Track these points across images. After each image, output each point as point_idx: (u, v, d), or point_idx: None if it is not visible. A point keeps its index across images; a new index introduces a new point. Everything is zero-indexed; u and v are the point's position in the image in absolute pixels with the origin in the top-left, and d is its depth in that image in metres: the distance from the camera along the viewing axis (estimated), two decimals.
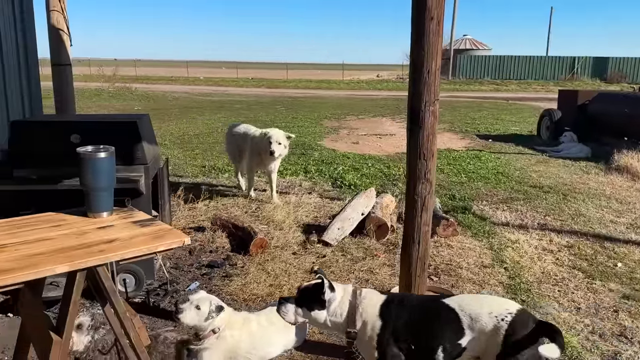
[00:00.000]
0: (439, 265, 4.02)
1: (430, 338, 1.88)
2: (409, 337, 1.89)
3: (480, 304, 1.94)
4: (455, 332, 1.87)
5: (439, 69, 2.34)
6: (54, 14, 5.64)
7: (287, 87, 32.22)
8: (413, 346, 1.88)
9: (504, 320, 1.85)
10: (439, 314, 1.92)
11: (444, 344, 1.87)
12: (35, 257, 1.34)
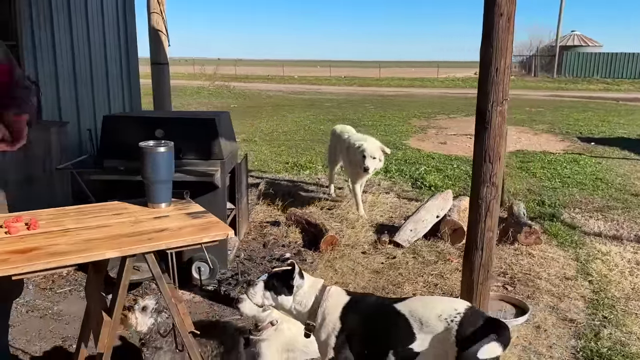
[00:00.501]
0: (516, 274, 3.81)
1: (382, 343, 1.91)
2: (364, 342, 1.92)
3: (429, 307, 1.94)
4: (406, 338, 1.88)
5: (509, 67, 2.21)
6: (154, 16, 6.01)
7: (379, 85, 32.04)
8: (366, 351, 1.90)
9: (454, 321, 1.85)
10: (390, 319, 1.94)
11: (396, 348, 1.89)
12: (91, 242, 1.46)
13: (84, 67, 5.73)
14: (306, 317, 1.99)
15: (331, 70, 44.72)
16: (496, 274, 3.83)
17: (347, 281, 3.68)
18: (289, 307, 1.99)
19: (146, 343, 2.17)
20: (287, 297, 1.97)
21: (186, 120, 3.58)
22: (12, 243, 1.43)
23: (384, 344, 1.91)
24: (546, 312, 3.22)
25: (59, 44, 5.28)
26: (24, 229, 1.54)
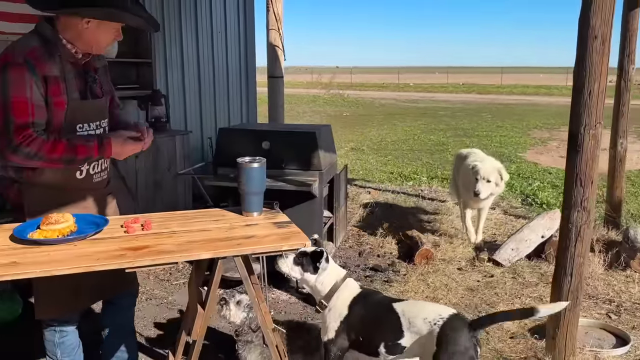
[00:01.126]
0: (623, 303, 3.56)
1: (376, 335, 2.20)
2: (361, 330, 2.22)
3: (419, 310, 2.19)
4: (395, 333, 2.16)
5: (603, 91, 2.14)
6: (272, 33, 6.44)
7: (500, 92, 30.68)
8: (361, 338, 2.22)
9: (436, 325, 2.07)
10: (385, 315, 2.20)
11: (386, 341, 2.17)
12: (191, 244, 1.71)
13: (208, 81, 6.32)
14: (321, 296, 2.28)
15: (449, 77, 43.69)
16: (601, 301, 3.61)
17: (439, 296, 3.69)
18: (311, 284, 2.29)
19: (239, 335, 2.42)
20: (312, 275, 2.26)
21: (289, 133, 3.86)
22: (128, 241, 1.73)
23: (378, 335, 2.20)
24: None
25: (187, 61, 5.89)
26: (140, 229, 1.85)
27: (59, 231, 1.72)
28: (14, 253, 1.62)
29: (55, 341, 2.18)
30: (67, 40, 1.94)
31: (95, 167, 2.08)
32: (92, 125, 2.03)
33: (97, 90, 2.07)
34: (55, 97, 1.88)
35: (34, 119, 1.82)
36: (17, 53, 1.85)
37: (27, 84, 1.80)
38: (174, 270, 4.19)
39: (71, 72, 1.95)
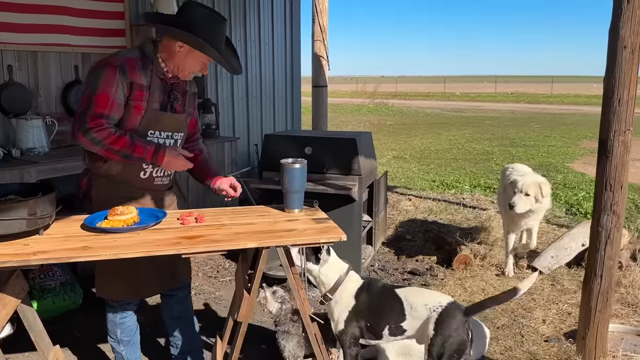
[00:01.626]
0: None
1: (381, 319, 2.39)
2: (368, 316, 2.40)
3: (420, 297, 2.39)
4: (399, 316, 2.36)
5: (632, 98, 2.21)
6: (317, 44, 6.66)
7: (550, 102, 29.93)
8: (369, 324, 2.40)
9: (435, 311, 2.28)
10: (390, 301, 2.40)
11: (390, 324, 2.38)
12: (238, 235, 1.91)
13: (255, 90, 6.60)
14: (325, 290, 2.43)
15: (497, 86, 42.91)
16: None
17: (475, 300, 3.76)
18: (315, 274, 2.44)
19: (278, 325, 2.61)
20: (314, 266, 2.41)
21: (331, 140, 4.03)
22: (184, 231, 1.94)
23: (383, 319, 2.40)
24: None
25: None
26: (194, 222, 2.06)
27: (124, 221, 1.95)
28: (85, 239, 1.86)
29: (116, 321, 2.43)
30: (162, 59, 2.23)
31: (158, 171, 2.35)
32: (163, 134, 2.29)
33: (178, 107, 2.34)
34: (136, 101, 2.17)
35: (110, 113, 2.10)
36: (117, 58, 2.16)
37: (115, 83, 2.09)
38: (221, 268, 4.43)
39: (158, 85, 2.23)
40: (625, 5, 2.17)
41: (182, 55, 2.20)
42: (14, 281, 2.02)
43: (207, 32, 2.13)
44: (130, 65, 2.14)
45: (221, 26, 2.22)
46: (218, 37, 2.20)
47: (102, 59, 2.18)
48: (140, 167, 2.29)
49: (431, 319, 2.28)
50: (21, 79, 4.15)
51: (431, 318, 2.28)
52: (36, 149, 3.94)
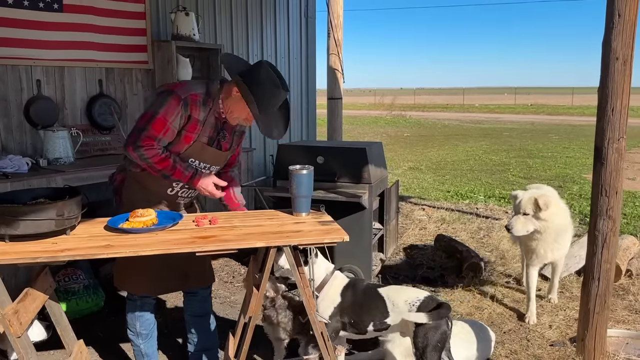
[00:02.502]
0: None
1: (365, 316, 2.61)
2: (352, 313, 2.63)
3: (400, 294, 2.62)
4: (382, 313, 2.59)
5: (625, 107, 2.30)
6: (332, 57, 6.82)
7: (571, 114, 29.65)
8: (352, 320, 2.62)
9: (414, 305, 2.52)
10: (373, 299, 2.63)
11: (374, 320, 2.60)
12: (248, 235, 2.05)
13: None
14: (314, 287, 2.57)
15: (516, 97, 42.65)
16: None
17: (483, 306, 3.84)
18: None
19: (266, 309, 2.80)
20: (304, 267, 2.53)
21: (342, 149, 4.17)
22: (198, 232, 2.09)
23: (368, 316, 2.62)
24: None
25: None
26: (208, 224, 2.21)
27: (143, 223, 2.11)
28: (108, 238, 2.02)
29: (136, 315, 2.61)
30: (221, 100, 2.42)
31: (184, 192, 2.58)
32: (201, 164, 2.50)
33: (225, 144, 2.54)
34: (188, 132, 2.37)
35: (162, 137, 2.32)
36: (185, 90, 2.36)
37: (175, 113, 2.30)
38: (237, 273, 4.58)
39: (211, 122, 2.43)
40: (617, 19, 2.27)
41: (235, 100, 2.37)
42: (43, 278, 2.20)
43: (261, 90, 2.29)
44: (192, 100, 2.34)
45: (276, 90, 2.32)
46: (269, 98, 2.32)
47: (171, 85, 2.43)
48: (170, 185, 2.50)
49: (411, 312, 2.51)
50: (49, 93, 4.39)
51: (412, 312, 2.51)
52: (62, 159, 4.15)
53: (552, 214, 3.42)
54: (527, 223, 3.45)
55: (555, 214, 3.45)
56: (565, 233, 3.62)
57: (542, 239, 3.52)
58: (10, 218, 1.89)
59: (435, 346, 2.50)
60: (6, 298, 1.90)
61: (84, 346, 2.41)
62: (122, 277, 2.60)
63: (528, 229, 3.45)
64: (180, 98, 2.31)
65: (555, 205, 3.49)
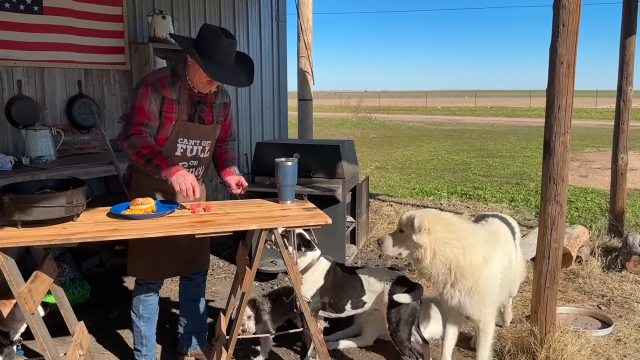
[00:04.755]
0: (614, 297, 3.96)
1: (344, 295, 2.91)
2: (332, 294, 2.90)
3: (376, 274, 2.93)
4: (359, 292, 2.90)
5: (570, 105, 2.64)
6: (302, 60, 7.07)
7: (529, 115, 30.81)
8: (332, 300, 2.90)
9: (387, 284, 2.84)
10: (351, 280, 2.93)
11: (352, 299, 2.91)
12: (241, 220, 2.27)
13: (245, 104, 6.99)
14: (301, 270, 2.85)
15: (477, 100, 43.90)
16: (595, 296, 4.02)
17: None
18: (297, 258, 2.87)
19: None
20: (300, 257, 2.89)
21: (316, 147, 4.43)
22: (196, 217, 2.31)
23: (346, 295, 2.91)
24: (632, 329, 3.39)
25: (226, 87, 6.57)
26: (202, 211, 2.43)
27: (144, 210, 2.31)
28: (113, 224, 2.21)
29: (141, 298, 2.80)
30: (188, 77, 2.61)
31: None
32: (191, 142, 2.67)
33: (207, 118, 2.71)
34: (167, 112, 2.58)
35: (148, 121, 2.53)
36: (151, 76, 2.60)
37: (148, 98, 2.51)
38: (216, 267, 4.77)
39: (185, 99, 2.62)
40: (562, 28, 2.61)
41: (191, 67, 2.56)
42: (48, 263, 2.37)
43: (203, 44, 2.47)
44: (160, 83, 2.55)
45: (217, 39, 2.45)
46: (213, 48, 2.46)
47: (141, 79, 2.64)
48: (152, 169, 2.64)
49: (385, 290, 2.83)
50: (29, 93, 4.49)
51: (385, 290, 2.83)
52: (44, 157, 4.26)
53: (435, 241, 2.53)
54: (396, 247, 2.71)
55: (445, 243, 2.54)
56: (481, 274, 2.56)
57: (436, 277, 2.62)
58: (25, 205, 2.06)
59: (407, 321, 2.81)
60: (20, 279, 2.07)
61: (84, 327, 2.58)
62: (132, 264, 2.79)
63: (396, 249, 2.72)
64: (149, 84, 2.53)
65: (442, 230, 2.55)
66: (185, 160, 2.70)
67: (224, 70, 2.52)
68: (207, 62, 2.45)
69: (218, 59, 2.48)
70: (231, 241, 5.20)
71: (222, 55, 2.49)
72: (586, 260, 4.75)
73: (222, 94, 2.82)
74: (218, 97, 2.77)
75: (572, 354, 2.81)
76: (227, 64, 2.53)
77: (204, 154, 2.77)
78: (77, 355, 2.36)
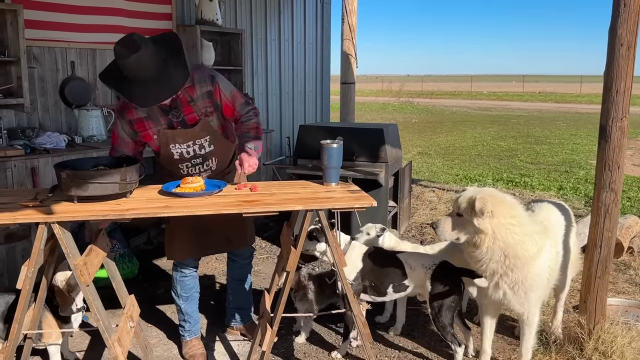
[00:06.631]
0: None
1: (385, 279, 2.87)
2: (372, 277, 2.88)
3: (418, 258, 2.87)
4: (401, 276, 2.86)
5: (629, 89, 2.52)
6: (346, 42, 7.02)
7: (579, 102, 29.66)
8: (374, 283, 2.88)
9: (430, 269, 2.79)
10: (392, 264, 2.89)
11: (394, 283, 2.87)
12: (287, 200, 2.30)
13: (288, 86, 7.01)
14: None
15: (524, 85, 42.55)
16: None
17: None
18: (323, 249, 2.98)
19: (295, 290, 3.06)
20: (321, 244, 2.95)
21: (360, 130, 4.41)
22: (243, 197, 2.34)
23: (386, 280, 2.88)
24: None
25: (270, 69, 6.61)
26: (248, 191, 2.46)
27: (193, 188, 2.36)
28: (164, 201, 2.27)
29: (177, 278, 2.90)
30: None
31: (192, 170, 2.74)
32: (183, 145, 2.65)
33: (191, 117, 2.60)
34: (141, 131, 2.62)
35: (117, 146, 2.67)
36: (118, 104, 2.70)
37: (118, 124, 2.64)
38: (259, 247, 4.85)
39: (156, 111, 2.57)
40: (622, 8, 2.48)
41: None
42: (102, 238, 2.47)
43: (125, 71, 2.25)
44: (124, 108, 2.59)
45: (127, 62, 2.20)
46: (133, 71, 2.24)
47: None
48: (178, 167, 2.73)
49: (427, 275, 2.79)
50: (82, 74, 4.64)
51: (427, 275, 2.79)
52: (95, 137, 4.41)
53: (491, 215, 2.38)
54: (456, 224, 2.50)
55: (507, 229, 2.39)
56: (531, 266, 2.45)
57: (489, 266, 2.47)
58: (81, 181, 2.14)
59: (449, 306, 2.78)
60: (76, 252, 2.17)
61: (134, 300, 2.68)
62: (168, 247, 2.86)
63: (457, 233, 2.50)
64: (117, 111, 2.64)
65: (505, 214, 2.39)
66: (187, 161, 2.71)
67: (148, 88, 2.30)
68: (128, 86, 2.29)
69: (140, 77, 2.27)
70: (273, 223, 5.26)
71: (140, 71, 2.25)
72: (638, 251, 4.58)
73: (201, 84, 2.59)
74: (195, 91, 2.58)
75: (621, 346, 2.72)
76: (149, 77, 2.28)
77: (204, 150, 2.71)
78: (128, 327, 2.46)
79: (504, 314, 3.27)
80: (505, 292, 2.51)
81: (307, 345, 3.15)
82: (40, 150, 3.85)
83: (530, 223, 2.49)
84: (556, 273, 2.68)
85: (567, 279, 3.01)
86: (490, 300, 2.61)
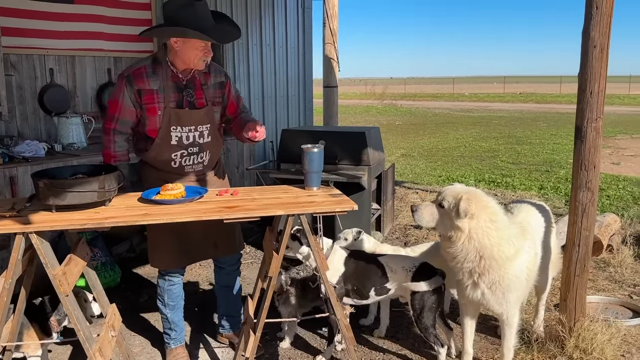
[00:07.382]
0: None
1: (367, 282, 2.90)
2: (354, 280, 2.92)
3: (399, 261, 2.90)
4: (382, 279, 2.88)
5: (603, 90, 2.57)
6: (327, 46, 7.03)
7: (559, 102, 30.09)
8: (356, 287, 2.91)
9: (410, 271, 2.82)
10: (373, 267, 2.91)
11: (375, 286, 2.90)
12: (268, 205, 2.29)
13: (270, 90, 7.01)
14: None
15: (505, 86, 43.03)
16: (626, 285, 3.95)
17: None
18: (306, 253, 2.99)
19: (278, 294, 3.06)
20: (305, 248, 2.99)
21: (342, 133, 4.42)
22: (224, 203, 2.34)
23: (368, 283, 2.90)
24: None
25: (253, 74, 6.61)
26: (229, 196, 2.46)
27: (174, 195, 2.35)
28: (144, 208, 2.25)
29: (164, 287, 2.86)
30: (170, 62, 2.57)
31: (186, 160, 2.71)
32: (185, 129, 2.62)
33: (199, 102, 2.64)
34: (148, 104, 2.55)
35: (119, 116, 2.57)
36: (128, 69, 2.58)
37: (122, 91, 2.52)
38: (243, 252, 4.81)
39: (170, 86, 2.56)
40: (595, 10, 2.54)
41: (180, 48, 2.49)
42: (81, 247, 2.44)
43: (185, 17, 2.37)
44: (136, 75, 2.52)
45: (196, 7, 2.36)
46: (196, 17, 2.36)
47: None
48: (170, 157, 2.67)
49: (408, 277, 2.82)
50: (61, 81, 4.59)
51: (408, 277, 2.82)
52: (76, 144, 4.37)
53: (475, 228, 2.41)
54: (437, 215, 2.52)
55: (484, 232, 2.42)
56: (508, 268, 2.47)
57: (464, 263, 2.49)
58: (59, 190, 2.12)
59: (431, 307, 2.80)
60: (55, 262, 2.14)
61: (116, 309, 2.65)
62: (151, 255, 2.82)
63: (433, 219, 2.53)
64: (123, 77, 2.53)
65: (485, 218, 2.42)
66: (183, 148, 2.66)
67: (218, 31, 2.45)
68: (196, 34, 2.38)
69: (202, 24, 2.40)
70: (258, 227, 5.25)
71: (204, 21, 2.41)
72: (617, 249, 4.66)
73: (216, 74, 2.70)
74: (210, 79, 2.68)
75: (601, 343, 2.77)
76: (212, 26, 2.44)
77: (203, 139, 2.69)
78: (110, 336, 2.43)
79: (486, 314, 3.30)
80: (484, 292, 2.53)
81: (291, 350, 3.15)
82: (19, 159, 3.80)
83: (508, 227, 2.51)
84: (535, 274, 2.72)
85: (547, 278, 3.05)
86: (468, 300, 2.62)
